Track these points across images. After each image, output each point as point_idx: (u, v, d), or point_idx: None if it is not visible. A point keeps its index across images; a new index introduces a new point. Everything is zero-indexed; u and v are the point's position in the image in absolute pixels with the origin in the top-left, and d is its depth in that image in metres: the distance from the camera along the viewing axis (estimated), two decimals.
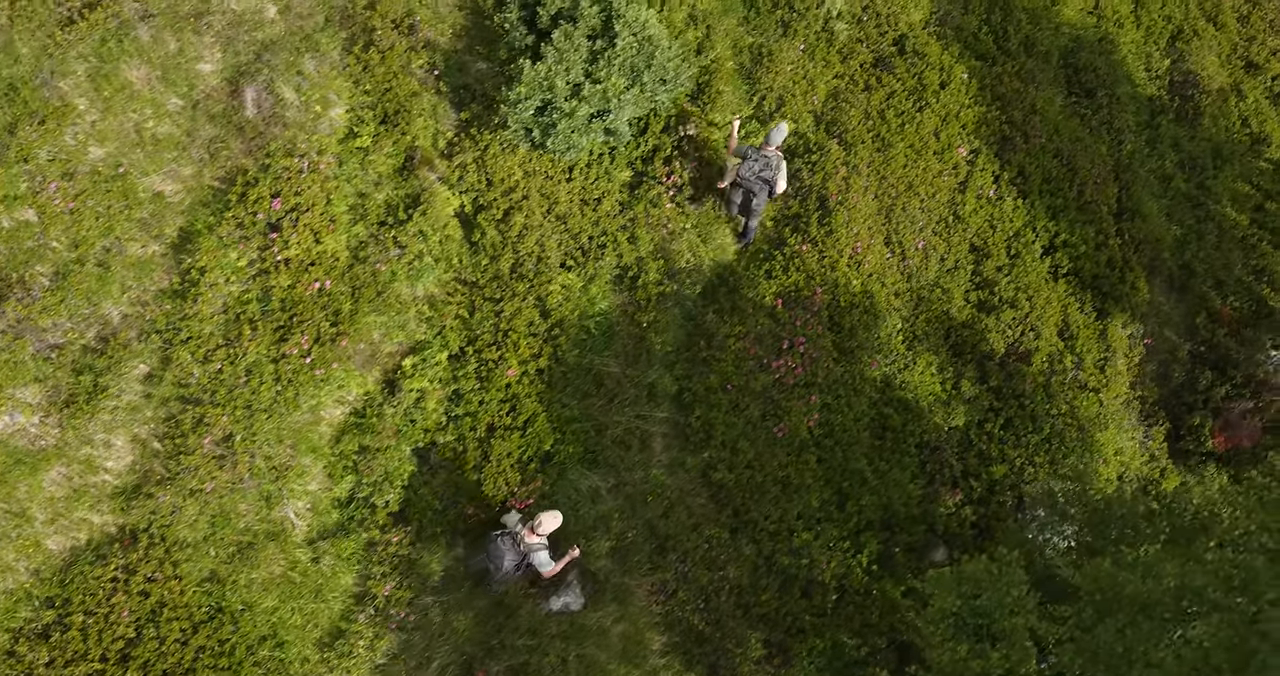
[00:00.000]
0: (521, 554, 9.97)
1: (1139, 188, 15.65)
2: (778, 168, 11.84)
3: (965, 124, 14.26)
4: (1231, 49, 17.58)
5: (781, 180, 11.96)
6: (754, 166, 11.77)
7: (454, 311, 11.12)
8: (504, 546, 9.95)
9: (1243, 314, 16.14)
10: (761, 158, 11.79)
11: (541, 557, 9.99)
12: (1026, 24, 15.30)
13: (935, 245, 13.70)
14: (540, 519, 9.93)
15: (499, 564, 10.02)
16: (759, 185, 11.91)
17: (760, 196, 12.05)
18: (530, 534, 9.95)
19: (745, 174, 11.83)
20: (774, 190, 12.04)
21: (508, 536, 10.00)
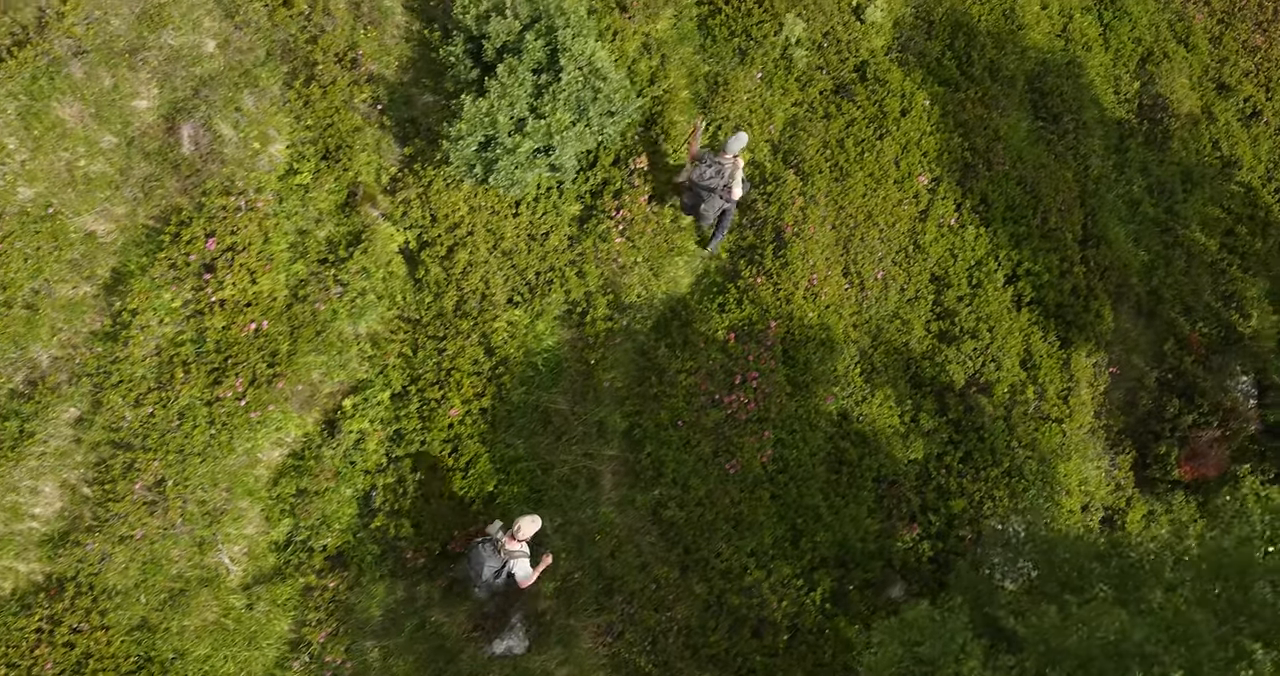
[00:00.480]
0: (502, 561, 9.89)
1: (1106, 213, 15.42)
2: (731, 174, 11.62)
3: (927, 152, 14.03)
4: (1203, 71, 17.35)
5: (737, 187, 11.71)
6: (706, 171, 11.57)
7: (397, 350, 10.91)
8: (485, 553, 9.87)
9: (1211, 340, 15.90)
10: (715, 163, 11.59)
11: (521, 566, 9.93)
12: (991, 49, 15.06)
13: (895, 275, 13.48)
14: (519, 524, 9.86)
15: (479, 571, 9.92)
16: (707, 191, 11.72)
17: (710, 202, 11.82)
18: (511, 540, 9.88)
19: (696, 177, 11.65)
20: (729, 196, 11.80)
21: (489, 543, 9.93)
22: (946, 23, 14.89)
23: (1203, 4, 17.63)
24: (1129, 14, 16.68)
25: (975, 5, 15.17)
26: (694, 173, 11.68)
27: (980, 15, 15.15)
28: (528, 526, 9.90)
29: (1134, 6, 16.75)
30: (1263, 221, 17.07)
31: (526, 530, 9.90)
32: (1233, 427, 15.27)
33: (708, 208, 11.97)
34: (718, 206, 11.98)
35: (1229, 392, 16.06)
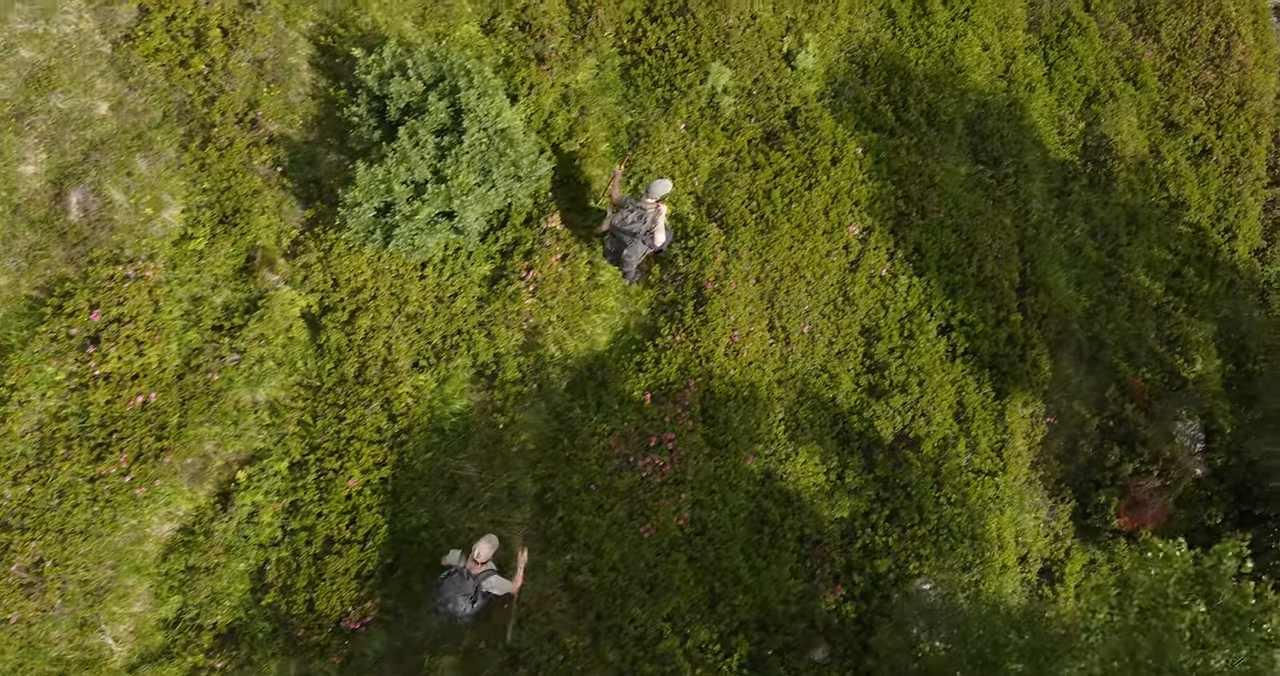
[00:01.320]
0: (474, 585, 9.81)
1: (1046, 259, 15.06)
2: (653, 221, 11.35)
3: (858, 201, 13.67)
4: (1151, 109, 16.97)
5: (660, 234, 11.46)
6: (628, 216, 11.29)
7: (296, 417, 10.56)
8: (453, 586, 9.77)
9: (1155, 386, 15.54)
10: (638, 209, 11.31)
11: (494, 582, 9.90)
12: (929, 92, 14.69)
13: (823, 329, 13.12)
14: (476, 549, 9.82)
15: (450, 609, 9.81)
16: (628, 237, 11.45)
17: (633, 247, 11.55)
18: (475, 565, 9.81)
19: (618, 223, 11.38)
20: (652, 242, 11.53)
21: (454, 575, 9.82)
22: (882, 67, 14.52)
23: (1152, 41, 17.25)
24: (1074, 53, 16.30)
25: (912, 48, 14.80)
26: (616, 218, 11.40)
27: (917, 59, 14.78)
28: (485, 548, 9.88)
29: (1080, 46, 16.37)
30: (1211, 262, 16.71)
31: (485, 552, 9.87)
32: (1174, 477, 14.92)
33: (630, 253, 11.68)
34: (641, 252, 11.71)
35: (1175, 438, 15.73)
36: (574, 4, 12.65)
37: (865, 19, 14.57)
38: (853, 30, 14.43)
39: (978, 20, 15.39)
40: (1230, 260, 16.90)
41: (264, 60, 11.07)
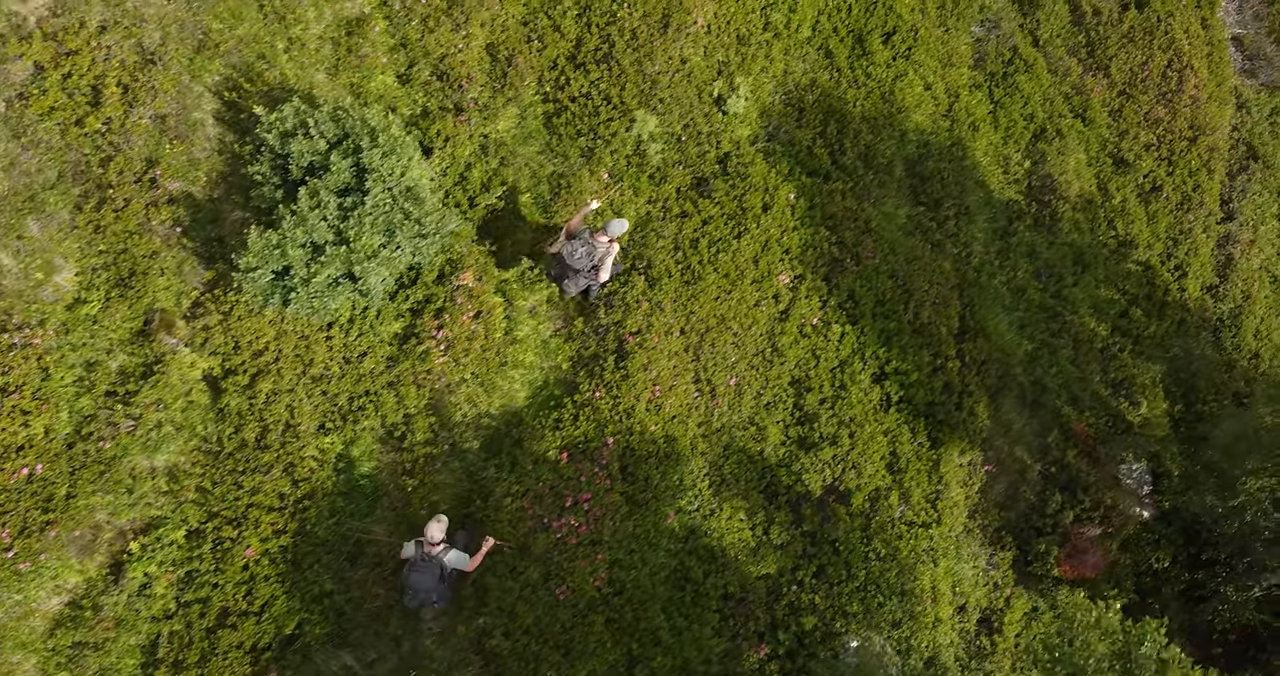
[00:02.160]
0: (438, 564, 9.99)
1: (987, 303, 14.69)
2: (601, 258, 11.20)
3: (789, 248, 13.31)
4: (1100, 146, 16.59)
5: (605, 272, 11.33)
6: (577, 249, 11.16)
7: (195, 484, 10.24)
8: (419, 574, 9.99)
9: (1099, 430, 15.18)
10: (589, 243, 11.16)
11: (454, 557, 10.10)
12: (867, 134, 14.32)
13: (750, 381, 12.77)
14: (428, 532, 9.98)
15: (424, 597, 10.10)
16: (571, 270, 11.35)
17: (574, 280, 11.50)
18: (432, 547, 9.97)
19: (566, 254, 11.27)
20: (595, 277, 11.48)
21: (418, 563, 9.98)
22: (819, 109, 14.16)
23: (1102, 76, 16.87)
24: (1021, 90, 15.93)
25: (851, 89, 14.43)
26: (566, 248, 11.25)
27: (856, 100, 14.42)
28: (436, 529, 9.97)
29: (1026, 83, 15.99)
30: (1160, 301, 16.34)
31: (436, 533, 9.98)
32: (1115, 524, 14.57)
33: (570, 284, 11.61)
34: (580, 284, 11.65)
35: (1121, 482, 15.39)
36: (494, 52, 12.31)
37: (802, 60, 14.21)
38: (788, 72, 14.07)
39: (919, 59, 15.02)
40: (1180, 298, 16.53)
41: (166, 116, 10.74)
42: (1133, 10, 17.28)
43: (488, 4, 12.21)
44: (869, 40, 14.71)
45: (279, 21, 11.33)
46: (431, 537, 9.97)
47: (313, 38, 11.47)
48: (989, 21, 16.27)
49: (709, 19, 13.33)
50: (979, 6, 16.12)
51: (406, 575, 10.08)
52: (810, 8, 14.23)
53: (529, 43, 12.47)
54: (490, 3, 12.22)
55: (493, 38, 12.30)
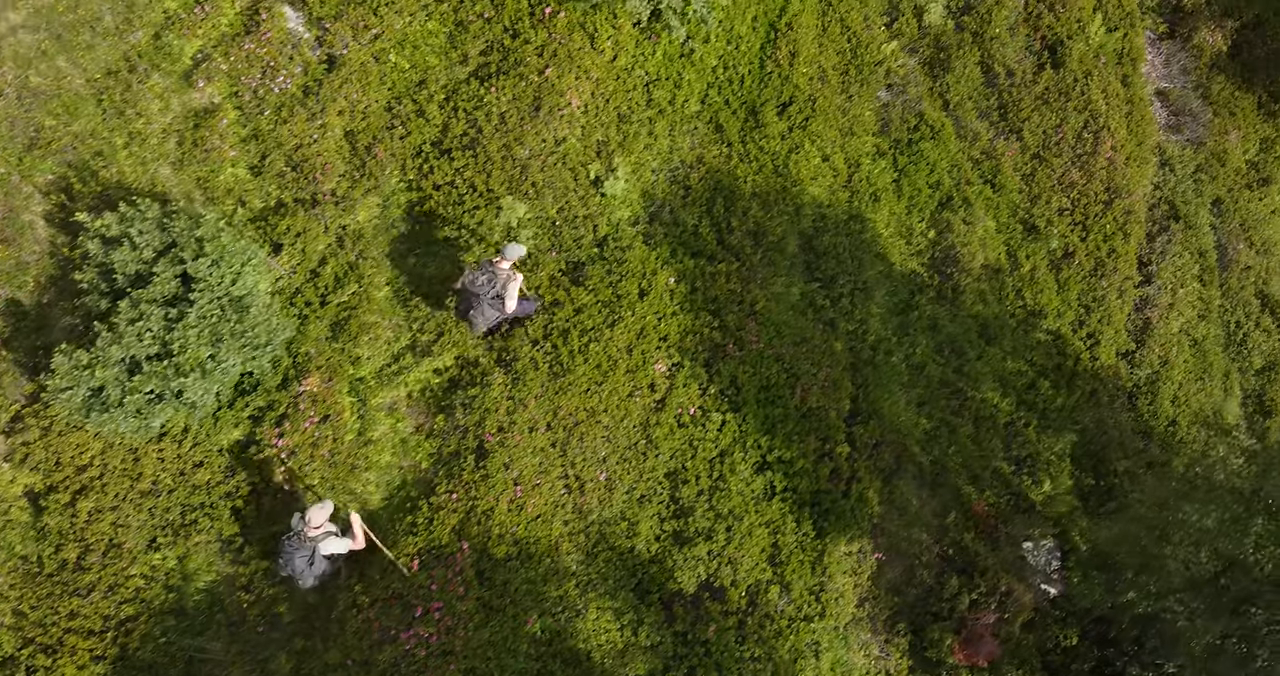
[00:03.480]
0: (310, 548, 9.85)
1: (883, 382, 14.11)
2: (503, 286, 10.95)
3: (667, 335, 12.75)
4: (1011, 212, 15.98)
5: (510, 301, 11.09)
6: (479, 277, 10.92)
7: (11, 608, 9.73)
8: (290, 549, 9.87)
9: (1000, 509, 14.60)
10: (490, 271, 10.93)
11: (331, 543, 9.92)
12: (757, 211, 13.75)
13: (622, 476, 12.22)
14: (309, 515, 9.80)
15: (290, 570, 9.94)
16: (475, 298, 11.09)
17: (479, 309, 11.18)
18: (310, 529, 9.83)
19: (468, 282, 11.03)
20: (502, 308, 11.17)
21: (293, 537, 9.88)
22: (706, 186, 13.59)
23: (1015, 139, 16.26)
24: (926, 157, 15.33)
25: (742, 164, 13.86)
26: (468, 277, 11.05)
27: (747, 175, 13.84)
28: (315, 515, 9.77)
29: (932, 149, 15.40)
30: (1070, 372, 15.74)
31: (316, 517, 9.77)
32: (1011, 610, 13.99)
33: (477, 314, 11.28)
34: (490, 316, 11.30)
35: (1025, 559, 14.82)
36: (353, 140, 11.77)
37: (689, 135, 13.64)
38: (674, 149, 13.50)
39: (817, 130, 14.43)
40: (1092, 367, 15.93)
41: None
42: (1048, 70, 16.67)
43: (346, 91, 11.66)
44: (763, 112, 14.13)
45: (119, 116, 10.80)
46: (311, 521, 9.78)
47: (156, 132, 10.94)
48: (896, 86, 15.68)
49: (586, 99, 12.76)
50: (885, 71, 15.52)
51: (283, 542, 9.97)
52: (698, 82, 13.66)
53: (391, 129, 11.92)
54: (349, 89, 11.67)
55: (352, 125, 11.75)
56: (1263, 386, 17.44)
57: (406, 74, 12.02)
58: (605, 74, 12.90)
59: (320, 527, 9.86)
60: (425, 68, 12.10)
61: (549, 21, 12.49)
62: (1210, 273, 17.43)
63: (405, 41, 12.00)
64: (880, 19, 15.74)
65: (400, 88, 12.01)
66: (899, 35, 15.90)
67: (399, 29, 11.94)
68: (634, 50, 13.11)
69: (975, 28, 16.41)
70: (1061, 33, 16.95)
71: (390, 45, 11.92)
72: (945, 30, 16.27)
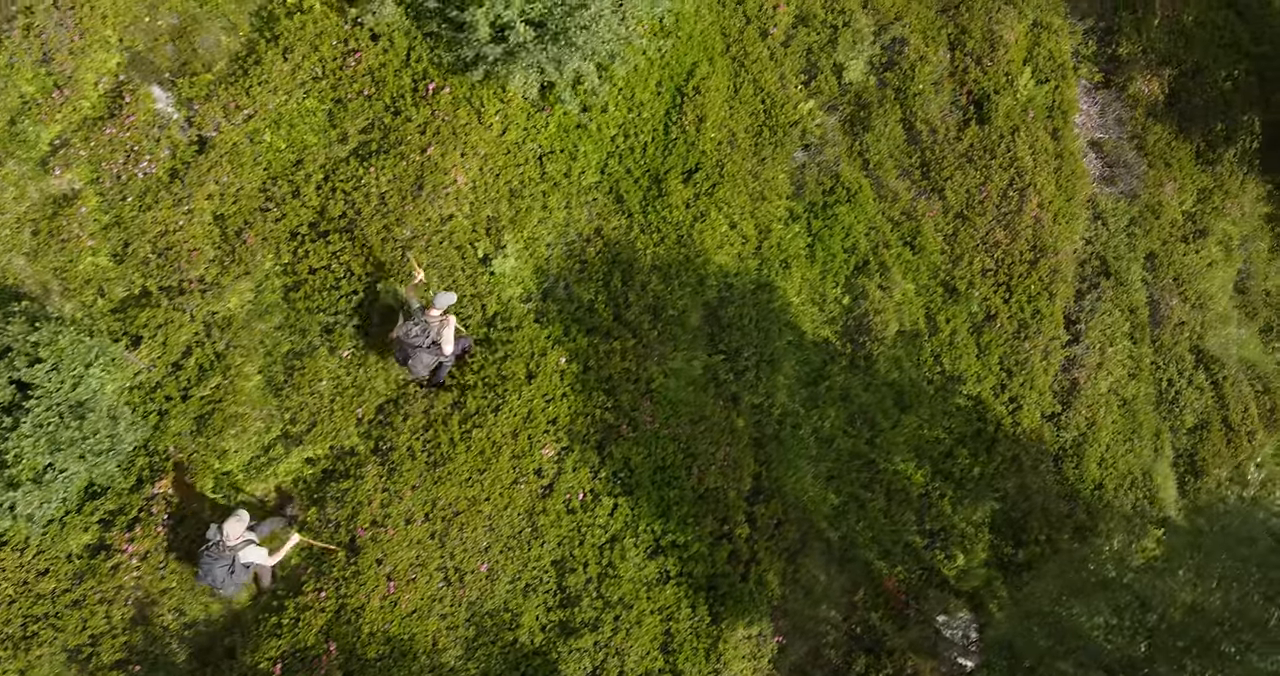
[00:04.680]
0: (229, 558, 9.85)
1: (790, 457, 13.59)
2: (438, 333, 10.87)
3: (556, 418, 12.24)
4: (931, 274, 15.42)
5: (447, 345, 10.99)
6: (412, 329, 10.76)
7: None
8: (209, 560, 9.86)
9: (912, 585, 14.08)
10: (422, 321, 10.75)
11: (250, 552, 9.98)
12: (658, 284, 13.23)
13: (505, 565, 11.72)
14: (224, 528, 9.85)
15: (210, 580, 9.91)
16: (412, 348, 10.84)
17: (417, 357, 10.93)
18: (230, 540, 9.86)
19: (402, 335, 10.79)
20: (440, 352, 10.99)
21: (212, 548, 9.88)
22: (603, 260, 13.07)
23: (937, 198, 15.70)
24: (841, 220, 14.78)
25: (642, 236, 13.33)
26: (401, 330, 10.82)
27: (648, 246, 13.31)
28: (233, 527, 9.83)
29: (848, 212, 14.85)
30: (990, 438, 15.20)
31: (233, 531, 9.84)
32: None
33: (415, 362, 11.01)
34: (428, 361, 11.07)
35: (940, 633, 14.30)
36: (224, 225, 11.26)
37: (587, 207, 13.11)
38: (570, 222, 12.97)
39: (725, 196, 13.89)
40: (1014, 433, 15.38)
41: None
42: (974, 127, 16.10)
43: (217, 173, 11.15)
44: (667, 180, 13.60)
45: None
46: (227, 535, 9.84)
47: (9, 222, 10.45)
48: (813, 146, 15.12)
49: (473, 175, 12.24)
50: (802, 131, 14.96)
51: (201, 554, 9.91)
52: (596, 152, 13.13)
53: (266, 212, 11.42)
54: (220, 172, 11.16)
55: (223, 208, 11.25)
56: (1194, 446, 16.87)
57: (282, 154, 11.51)
58: (494, 149, 12.38)
59: (239, 537, 9.91)
60: (302, 147, 11.59)
61: (432, 98, 11.96)
62: (1142, 330, 16.86)
63: (281, 120, 11.49)
64: (798, 78, 15.19)
65: (276, 168, 11.50)
66: (817, 93, 15.34)
67: (274, 108, 11.42)
68: (525, 123, 12.58)
69: (898, 84, 15.85)
70: (989, 87, 16.38)
71: (265, 125, 11.41)
72: (867, 87, 15.71)
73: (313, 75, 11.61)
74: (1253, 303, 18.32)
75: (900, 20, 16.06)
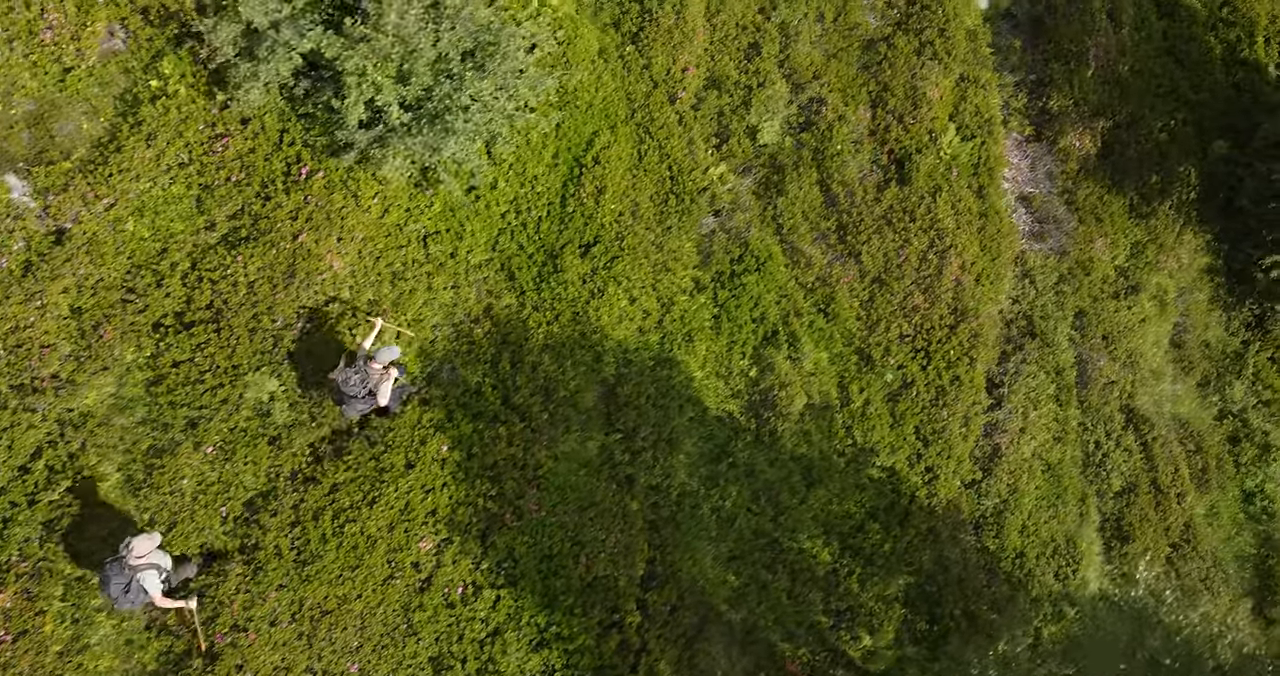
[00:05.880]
0: (128, 577, 9.52)
1: (688, 539, 13.10)
2: (376, 385, 10.73)
3: (436, 509, 11.76)
4: (846, 342, 14.89)
5: (383, 397, 10.85)
6: (351, 378, 10.64)
7: None
8: (111, 572, 9.53)
9: (816, 667, 13.58)
10: (363, 371, 10.64)
11: (149, 579, 9.56)
12: (549, 364, 12.72)
13: (378, 665, 11.25)
14: (133, 543, 9.47)
15: (110, 595, 9.59)
16: (346, 397, 10.70)
17: (351, 404, 10.78)
18: (132, 557, 9.48)
19: (339, 379, 10.68)
20: (375, 403, 10.82)
21: (115, 562, 9.55)
22: (492, 341, 12.57)
23: (853, 262, 15.17)
24: (749, 290, 14.25)
25: (535, 314, 12.82)
26: (339, 376, 10.65)
27: (540, 325, 12.81)
28: (141, 544, 9.47)
29: (757, 281, 14.32)
30: (904, 511, 14.68)
31: (140, 547, 9.46)
32: None
33: (349, 409, 10.92)
34: (361, 409, 10.94)
35: None
36: (80, 318, 10.77)
37: (475, 286, 12.60)
38: (458, 301, 12.47)
39: (624, 270, 13.37)
40: (930, 503, 14.87)
41: None
42: (893, 187, 15.56)
43: (74, 265, 10.66)
44: (563, 255, 13.09)
45: None
46: (133, 549, 9.44)
47: None
48: (724, 211, 14.60)
49: (351, 260, 11.74)
50: (711, 197, 14.44)
51: (106, 564, 9.61)
52: (485, 230, 12.62)
53: (127, 303, 10.94)
54: (78, 263, 10.68)
55: (81, 301, 10.77)
56: (1121, 510, 16.36)
57: (146, 243, 11.03)
58: (374, 231, 11.88)
59: (144, 558, 9.50)
60: (168, 235, 11.10)
61: (305, 183, 11.46)
62: (1068, 391, 16.33)
63: (145, 208, 11.00)
64: (708, 142, 14.65)
65: (140, 257, 11.01)
66: (730, 157, 14.81)
67: (137, 196, 10.94)
68: (408, 203, 12.08)
69: (816, 144, 15.32)
70: (911, 146, 15.84)
71: (128, 213, 10.92)
72: (782, 148, 15.18)
73: (178, 161, 11.11)
74: (1189, 356, 17.80)
75: (819, 79, 15.52)
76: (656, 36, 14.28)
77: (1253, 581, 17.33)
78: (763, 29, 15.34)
